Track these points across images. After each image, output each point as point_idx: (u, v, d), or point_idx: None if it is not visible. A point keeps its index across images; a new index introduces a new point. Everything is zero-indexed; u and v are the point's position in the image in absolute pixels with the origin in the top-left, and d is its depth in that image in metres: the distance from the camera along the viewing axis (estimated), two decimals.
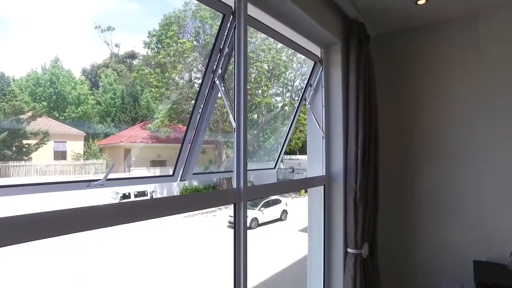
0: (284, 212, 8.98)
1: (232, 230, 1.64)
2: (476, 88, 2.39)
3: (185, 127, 1.50)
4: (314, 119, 2.34)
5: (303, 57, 2.41)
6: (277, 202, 9.06)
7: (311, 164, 2.39)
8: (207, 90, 1.62)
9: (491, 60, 2.34)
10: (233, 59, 1.60)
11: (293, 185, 2.18)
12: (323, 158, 2.31)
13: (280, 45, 10.70)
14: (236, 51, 1.55)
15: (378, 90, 2.43)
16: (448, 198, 2.49)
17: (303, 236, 7.84)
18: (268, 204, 8.59)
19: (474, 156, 2.39)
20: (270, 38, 2.16)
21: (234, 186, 1.56)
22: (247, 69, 1.55)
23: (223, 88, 1.59)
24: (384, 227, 2.66)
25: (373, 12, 2.36)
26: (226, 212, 8.10)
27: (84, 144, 13.63)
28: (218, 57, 1.59)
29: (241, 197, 1.55)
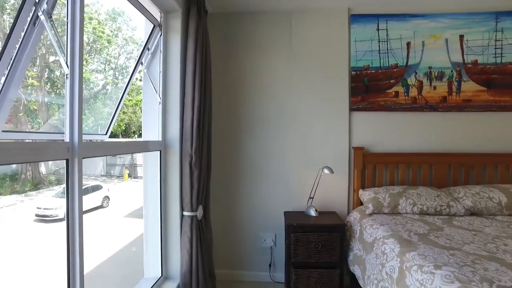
0: (106, 198, 8.26)
1: (43, 224, 1.43)
2: (287, 71, 2.92)
3: None
4: (151, 84, 2.29)
5: (130, 33, 2.31)
6: (97, 188, 8.23)
7: (146, 129, 2.33)
8: (26, 27, 1.34)
9: (297, 52, 2.90)
10: None
11: (131, 147, 2.08)
12: (159, 123, 2.31)
13: (103, 16, 9.63)
14: None
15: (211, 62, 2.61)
16: (265, 163, 2.95)
17: (131, 221, 7.47)
18: (87, 191, 7.69)
19: (284, 128, 2.93)
20: (91, 6, 1.96)
21: (66, 139, 1.37)
22: (84, 4, 1.37)
23: (50, 26, 1.35)
24: (214, 189, 2.90)
25: None
26: (32, 204, 6.73)
27: None
28: None
29: (75, 152, 1.37)
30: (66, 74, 1.36)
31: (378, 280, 1.90)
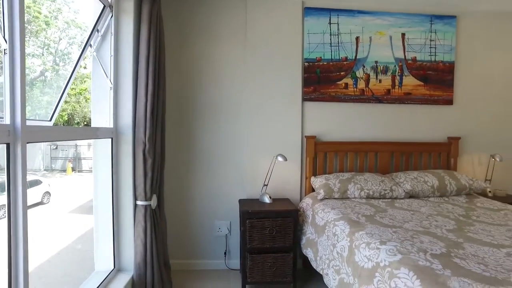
0: (47, 194, 7.64)
1: None
2: (242, 60, 2.94)
3: None
4: (101, 68, 2.17)
5: (72, 17, 2.18)
6: (36, 183, 7.57)
7: (96, 116, 2.21)
8: None
9: (252, 40, 2.92)
10: None
11: (80, 133, 1.96)
12: (110, 110, 2.20)
13: None
14: None
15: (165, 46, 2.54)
16: (220, 151, 2.96)
17: (76, 217, 7.03)
18: None
19: (239, 116, 2.96)
20: None
21: (7, 122, 1.26)
22: None
23: None
24: (168, 178, 2.86)
25: None
26: None
27: None
28: None
29: (18, 136, 1.27)
30: (4, 49, 1.24)
31: (330, 260, 2.02)
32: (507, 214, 2.21)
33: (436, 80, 3.11)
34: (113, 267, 2.24)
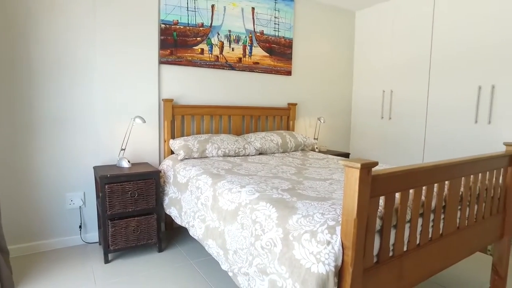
0: None
1: None
2: (92, 13, 2.61)
3: None
4: None
5: None
6: None
7: None
8: None
9: None
10: None
11: None
12: None
13: None
14: None
15: None
16: (68, 115, 2.59)
17: None
18: None
19: (90, 76, 2.65)
20: None
21: None
22: None
23: None
24: (1, 147, 2.36)
25: None
26: None
27: None
28: None
29: None
30: None
31: (195, 212, 2.14)
32: (328, 161, 2.84)
33: (279, 53, 3.57)
34: None
